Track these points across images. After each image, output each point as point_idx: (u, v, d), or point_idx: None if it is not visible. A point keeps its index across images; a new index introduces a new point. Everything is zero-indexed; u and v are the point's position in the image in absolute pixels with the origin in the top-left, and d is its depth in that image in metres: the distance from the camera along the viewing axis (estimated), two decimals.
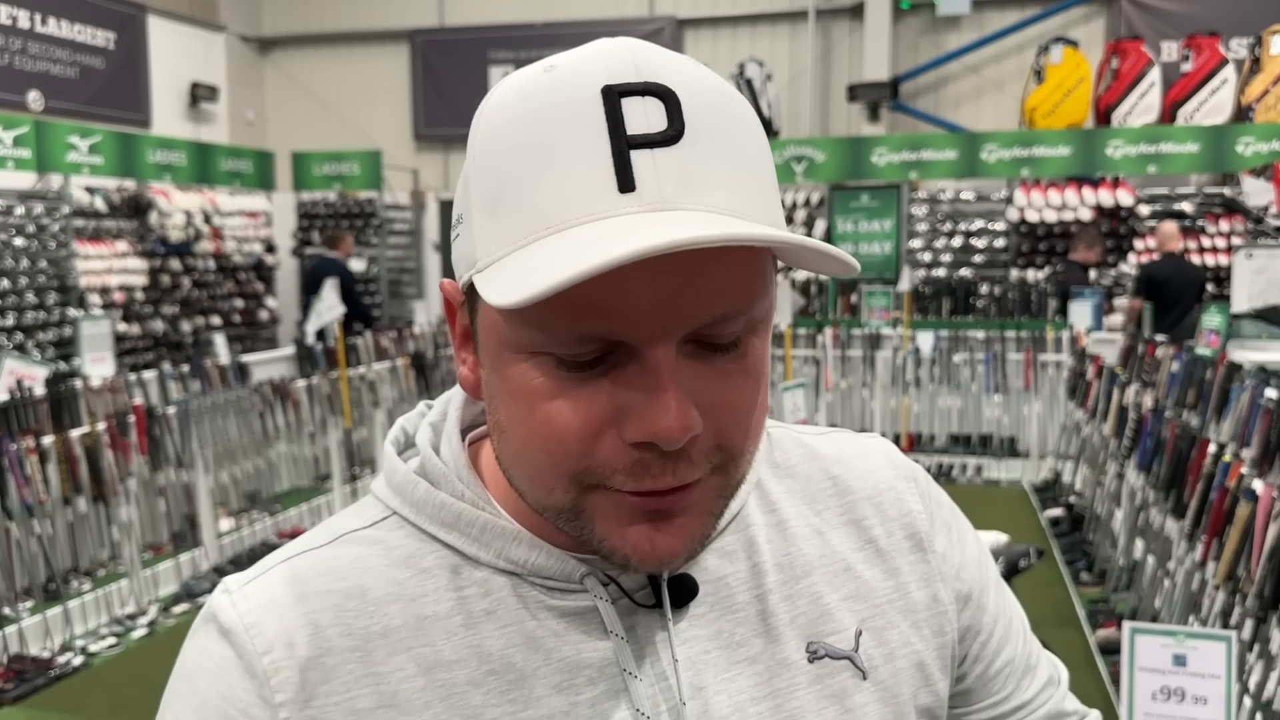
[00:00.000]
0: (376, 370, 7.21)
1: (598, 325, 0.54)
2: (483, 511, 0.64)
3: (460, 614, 0.63)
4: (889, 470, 0.75)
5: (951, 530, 0.75)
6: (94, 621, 4.72)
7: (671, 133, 0.53)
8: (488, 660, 0.62)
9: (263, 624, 0.61)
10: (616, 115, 0.53)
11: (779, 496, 0.71)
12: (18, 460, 4.42)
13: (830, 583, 0.69)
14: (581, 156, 0.53)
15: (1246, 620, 3.01)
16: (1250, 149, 8.31)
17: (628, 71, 0.55)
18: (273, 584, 0.63)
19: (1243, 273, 5.42)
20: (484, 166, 0.57)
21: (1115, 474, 4.91)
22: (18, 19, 9.11)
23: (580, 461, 0.56)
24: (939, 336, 7.46)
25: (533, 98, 0.56)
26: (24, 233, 7.77)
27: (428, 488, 0.65)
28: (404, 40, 11.81)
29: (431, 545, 0.64)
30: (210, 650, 0.62)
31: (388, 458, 0.69)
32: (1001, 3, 10.15)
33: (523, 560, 0.63)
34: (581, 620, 0.63)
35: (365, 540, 0.65)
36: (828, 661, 0.67)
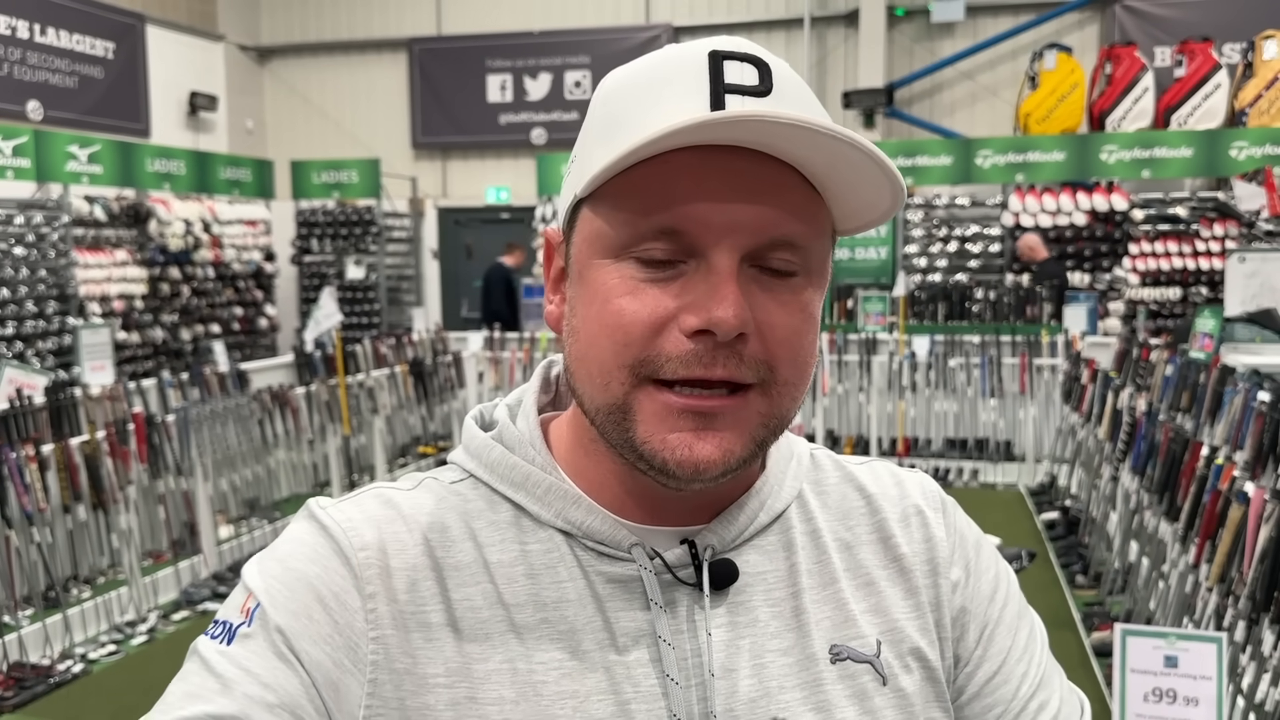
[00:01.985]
0: (375, 377, 7.24)
1: (675, 220, 0.62)
2: (549, 475, 0.71)
3: (523, 564, 0.68)
4: (920, 498, 0.79)
5: (970, 565, 0.77)
6: (94, 629, 4.73)
7: (764, 88, 0.63)
8: (542, 608, 0.67)
9: (359, 529, 0.68)
10: (718, 69, 0.63)
11: (816, 509, 0.76)
12: (18, 468, 4.44)
13: (855, 594, 0.73)
14: (684, 93, 0.63)
15: (1239, 622, 3.03)
16: (1244, 153, 8.35)
17: (733, 46, 0.64)
18: (365, 505, 0.70)
19: (1235, 277, 5.45)
20: (600, 110, 0.67)
21: (1110, 477, 4.94)
22: (17, 29, 9.15)
23: (641, 350, 0.63)
24: (934, 341, 7.49)
25: (650, 59, 0.67)
26: (24, 242, 7.80)
27: (503, 451, 0.72)
28: (402, 49, 11.85)
29: (502, 504, 0.71)
30: (309, 539, 0.68)
31: (468, 429, 0.76)
32: (995, 9, 10.21)
33: (579, 522, 0.69)
34: (625, 587, 0.68)
35: (446, 489, 0.72)
36: (850, 664, 0.71)
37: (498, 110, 11.58)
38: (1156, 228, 8.66)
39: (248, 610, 0.65)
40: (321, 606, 0.65)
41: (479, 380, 8.37)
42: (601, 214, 0.65)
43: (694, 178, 0.61)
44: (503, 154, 11.69)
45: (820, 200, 0.65)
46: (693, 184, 0.61)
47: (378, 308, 10.89)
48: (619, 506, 0.70)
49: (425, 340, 8.21)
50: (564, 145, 11.05)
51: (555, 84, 11.42)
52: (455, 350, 8.41)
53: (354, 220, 10.89)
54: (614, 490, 0.70)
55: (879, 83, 10.05)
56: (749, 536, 0.71)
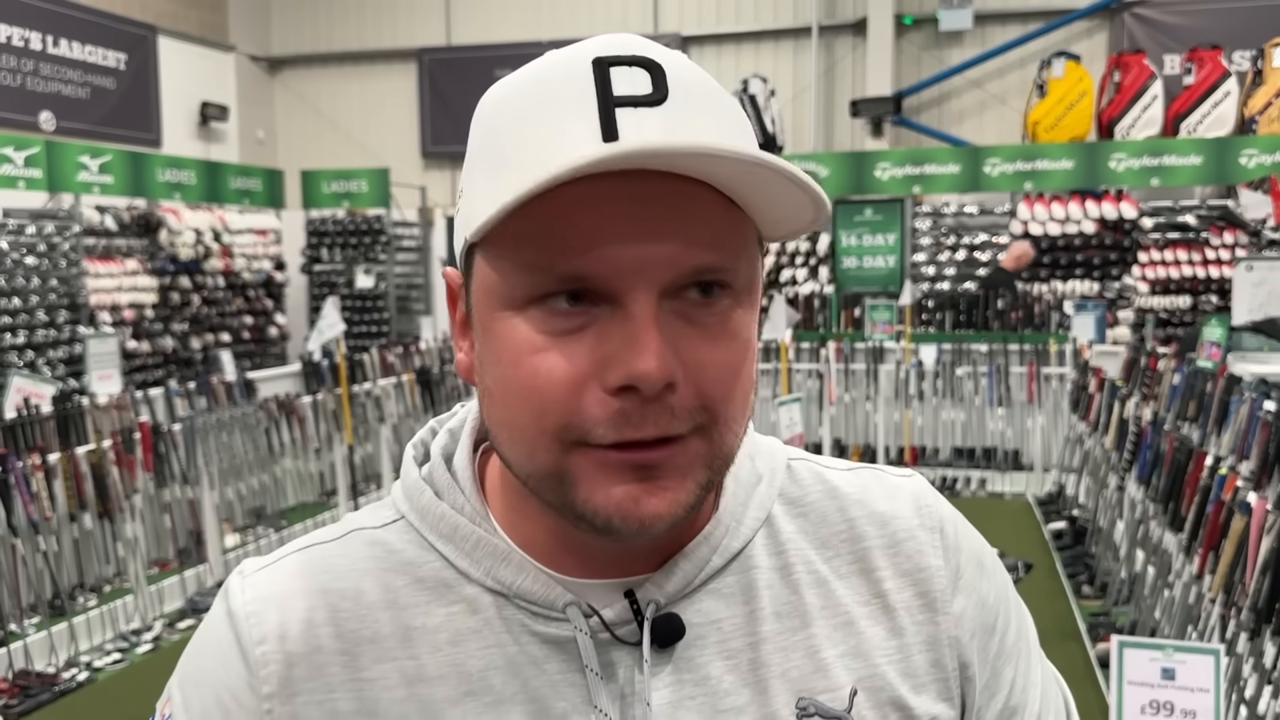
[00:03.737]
0: (382, 386, 7.26)
1: (578, 265, 0.54)
2: (478, 527, 0.64)
3: (447, 630, 0.63)
4: (913, 519, 0.69)
5: (976, 591, 0.70)
6: (99, 637, 4.75)
7: (657, 96, 0.55)
8: (467, 680, 0.62)
9: (262, 614, 0.63)
10: (605, 80, 0.56)
11: (789, 537, 0.68)
12: (24, 477, 4.47)
13: (829, 637, 0.66)
14: (569, 114, 0.55)
15: (1241, 634, 3.01)
16: (1253, 161, 8.31)
17: (618, 48, 0.57)
18: (279, 575, 0.65)
19: (1243, 285, 5.42)
20: (482, 136, 0.60)
21: (1116, 487, 4.91)
22: (30, 40, 9.24)
23: (563, 416, 0.56)
24: (942, 350, 7.47)
25: (530, 72, 0.60)
26: (35, 251, 7.85)
27: (432, 496, 0.66)
28: (412, 59, 11.91)
29: (431, 555, 0.65)
30: (217, 630, 0.65)
31: (405, 461, 0.69)
32: (1003, 18, 10.20)
33: (509, 582, 0.63)
34: (561, 649, 0.62)
35: (373, 540, 0.66)
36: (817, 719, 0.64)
37: None
38: (1166, 236, 8.62)
39: (164, 715, 0.65)
40: (220, 709, 0.63)
41: None
42: (495, 263, 0.57)
43: (594, 214, 0.54)
44: None
45: (738, 212, 0.58)
46: (593, 222, 0.54)
47: (387, 316, 10.93)
48: (553, 558, 0.63)
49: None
50: None
51: None
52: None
53: (364, 229, 10.94)
54: (551, 541, 0.64)
55: (887, 91, 10.05)
56: (702, 581, 0.64)
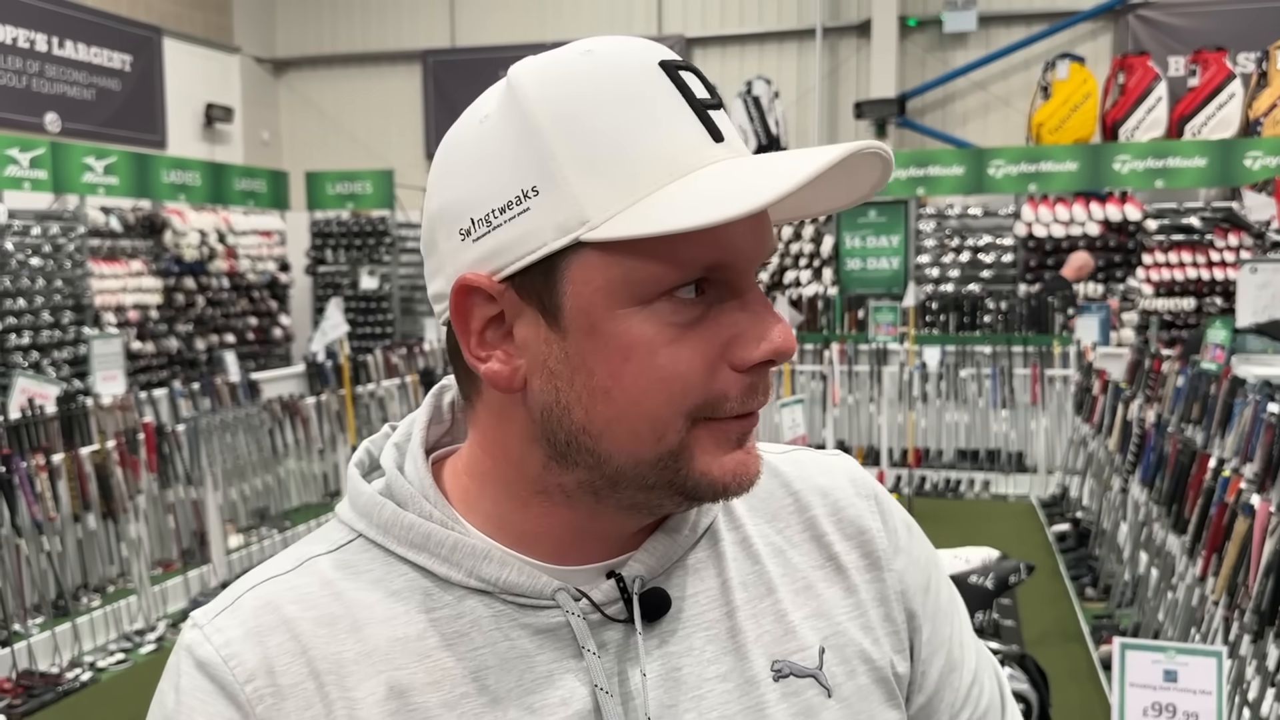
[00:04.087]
0: (386, 387, 7.27)
1: (725, 253, 0.59)
2: (452, 531, 0.64)
3: (433, 635, 0.63)
4: (849, 488, 0.75)
5: (907, 553, 0.75)
6: (103, 638, 4.76)
7: (716, 100, 0.62)
8: (461, 682, 0.62)
9: (241, 654, 0.61)
10: (682, 84, 0.61)
11: (742, 514, 0.72)
12: (28, 478, 4.48)
13: (793, 601, 0.70)
14: (674, 115, 0.60)
15: (1244, 636, 3.01)
16: (1258, 163, 8.30)
17: (666, 53, 0.62)
18: (244, 613, 0.63)
19: (1247, 287, 5.41)
20: (573, 133, 0.59)
21: (1119, 489, 4.91)
22: (35, 42, 9.26)
23: (701, 395, 0.60)
24: (945, 351, 7.46)
25: (595, 74, 0.60)
26: (40, 252, 7.87)
27: (395, 509, 0.65)
28: (416, 61, 11.93)
29: (401, 567, 0.64)
30: (190, 687, 0.62)
31: (352, 480, 0.69)
32: (1008, 19, 10.19)
33: (494, 578, 0.63)
34: (554, 637, 0.63)
35: (333, 564, 0.65)
36: (793, 680, 0.67)
37: None
38: (1170, 238, 8.61)
39: None
40: None
41: None
42: (624, 259, 0.58)
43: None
44: None
45: None
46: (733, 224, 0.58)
47: (391, 318, 10.94)
48: (535, 550, 0.65)
49: (436, 350, 8.24)
50: None
51: None
52: None
53: (368, 231, 10.95)
54: (526, 533, 0.65)
55: (891, 93, 10.05)
56: (679, 557, 0.67)
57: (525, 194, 0.59)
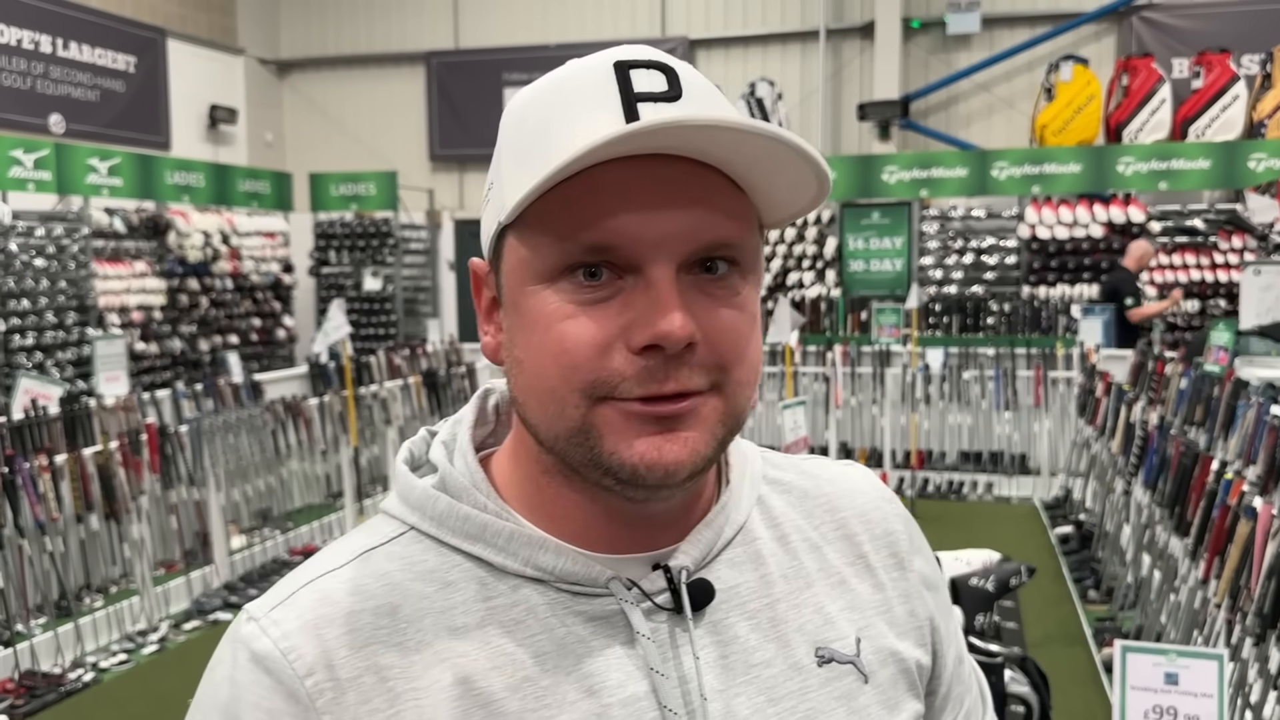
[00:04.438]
0: (389, 388, 7.27)
1: (606, 236, 0.60)
2: (507, 522, 0.66)
3: (492, 623, 0.64)
4: (873, 492, 0.80)
5: (924, 552, 0.80)
6: (105, 638, 4.77)
7: (673, 93, 0.62)
8: (522, 667, 0.64)
9: (300, 648, 0.62)
10: (626, 79, 0.62)
11: (780, 511, 0.76)
12: (31, 478, 4.49)
13: (829, 594, 0.73)
14: (596, 106, 0.62)
15: (1246, 638, 3.00)
16: (1262, 165, 8.28)
17: (636, 54, 0.64)
18: (300, 607, 0.64)
19: (1250, 289, 5.40)
20: (512, 132, 0.66)
21: (1122, 491, 4.90)
22: (40, 43, 9.28)
23: (591, 373, 0.61)
24: (948, 353, 7.46)
25: (554, 77, 0.66)
26: (44, 253, 7.89)
27: (450, 501, 0.67)
28: (420, 62, 11.93)
29: (455, 558, 0.66)
30: (246, 680, 0.62)
31: (402, 476, 0.71)
32: (1011, 21, 10.18)
33: (549, 566, 0.65)
34: (607, 624, 0.66)
35: (386, 557, 0.66)
36: (835, 665, 0.71)
37: None
38: (1174, 240, 8.60)
39: None
40: None
41: None
42: (528, 239, 0.63)
43: (619, 191, 0.60)
44: None
45: (745, 197, 0.64)
46: (619, 197, 0.60)
47: (394, 319, 10.95)
48: (586, 540, 0.67)
49: (439, 351, 8.25)
50: None
51: None
52: (469, 361, 8.44)
53: (371, 232, 10.97)
54: (577, 523, 0.67)
55: (894, 95, 10.04)
56: (717, 552, 0.70)
57: (489, 187, 0.67)
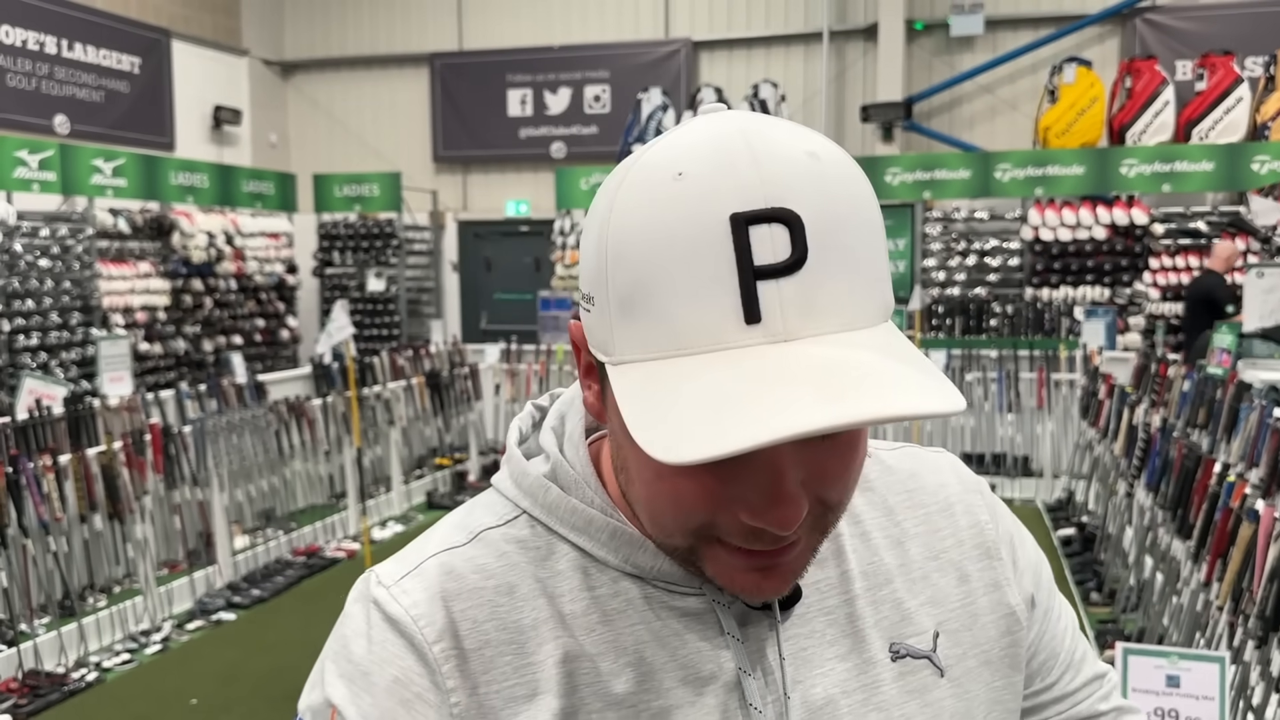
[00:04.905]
0: (392, 389, 7.28)
1: None
2: (611, 519, 0.70)
3: (596, 612, 0.69)
4: (958, 485, 0.81)
5: (1014, 540, 0.82)
6: (109, 638, 4.78)
7: (793, 260, 0.57)
8: (624, 653, 0.68)
9: (429, 616, 0.67)
10: (744, 244, 0.57)
11: (861, 508, 0.77)
12: (35, 478, 4.50)
13: (909, 589, 0.76)
14: (711, 283, 0.57)
15: (1248, 641, 3.00)
16: (1265, 167, 8.28)
17: (754, 194, 0.57)
18: (428, 579, 0.69)
19: (1254, 292, 5.39)
20: (619, 267, 0.60)
21: (1125, 493, 4.90)
22: (45, 44, 9.30)
23: (700, 524, 0.63)
24: (951, 355, 7.45)
25: (664, 210, 0.59)
26: (49, 254, 7.90)
27: (559, 493, 0.71)
28: (424, 64, 11.95)
29: (562, 546, 0.71)
30: (381, 639, 0.68)
31: (515, 459, 0.74)
32: (1015, 23, 10.18)
33: (648, 566, 0.69)
34: (699, 620, 0.70)
35: (503, 538, 0.71)
36: (909, 660, 0.73)
37: (518, 124, 11.65)
38: (1177, 242, 8.59)
39: None
40: (406, 711, 0.66)
41: (495, 392, 8.40)
42: None
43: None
44: (522, 168, 11.76)
45: None
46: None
47: (397, 320, 10.96)
48: None
49: (442, 352, 8.26)
50: (583, 159, 11.11)
51: (575, 98, 11.48)
52: (472, 362, 8.45)
53: (375, 233, 10.98)
54: None
55: (898, 96, 10.04)
56: None
57: (590, 297, 0.64)
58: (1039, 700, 0.83)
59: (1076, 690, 0.85)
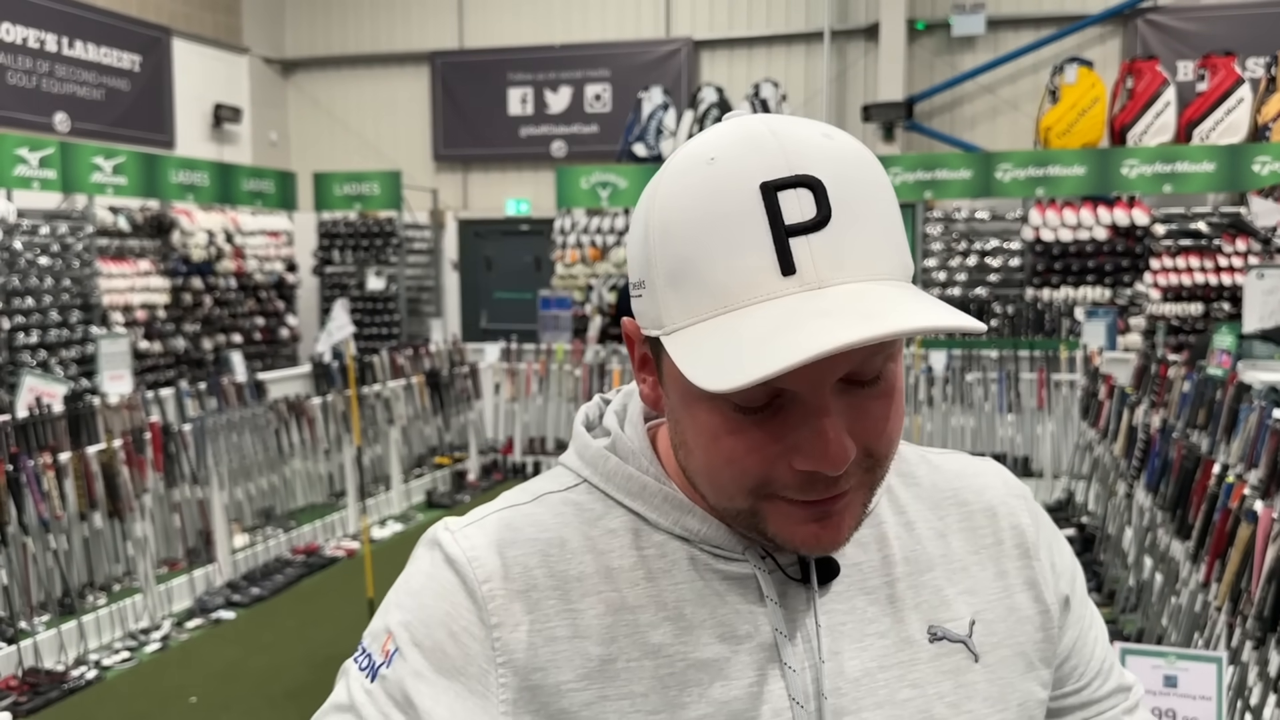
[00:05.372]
0: (392, 388, 7.28)
1: (765, 391, 0.65)
2: (664, 486, 0.76)
3: (642, 569, 0.74)
4: (1002, 489, 0.86)
5: (1053, 545, 0.86)
6: (108, 636, 4.78)
7: (820, 218, 0.63)
8: (664, 608, 0.73)
9: (482, 559, 0.73)
10: (774, 208, 0.63)
11: (907, 501, 0.82)
12: (35, 476, 4.50)
13: (949, 578, 0.80)
14: (749, 244, 0.63)
15: (1246, 641, 3.00)
16: (1266, 168, 8.28)
17: (779, 165, 0.64)
18: (489, 529, 0.76)
19: (1254, 293, 5.40)
20: (664, 246, 0.67)
21: (1125, 494, 4.90)
22: (45, 42, 9.31)
23: (758, 480, 0.68)
24: (952, 355, 7.45)
25: (701, 190, 0.66)
26: (49, 252, 7.91)
27: (618, 462, 0.78)
28: (424, 62, 11.95)
29: (617, 510, 0.77)
30: (437, 575, 0.74)
31: (580, 435, 0.81)
32: (1016, 23, 10.18)
33: (695, 530, 0.75)
34: (740, 584, 0.74)
35: (563, 501, 0.78)
36: (945, 643, 0.77)
37: (518, 123, 11.65)
38: (1178, 243, 8.58)
39: (387, 652, 0.74)
40: (453, 641, 0.72)
41: (495, 392, 8.40)
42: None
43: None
44: (523, 166, 11.76)
45: None
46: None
47: (397, 318, 10.96)
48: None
49: (442, 351, 8.26)
50: (583, 158, 11.10)
51: (575, 97, 11.48)
52: (472, 361, 8.45)
53: (375, 232, 10.98)
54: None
55: (899, 96, 10.03)
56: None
57: (640, 283, 0.71)
58: (1065, 704, 0.86)
59: (1102, 699, 0.88)
